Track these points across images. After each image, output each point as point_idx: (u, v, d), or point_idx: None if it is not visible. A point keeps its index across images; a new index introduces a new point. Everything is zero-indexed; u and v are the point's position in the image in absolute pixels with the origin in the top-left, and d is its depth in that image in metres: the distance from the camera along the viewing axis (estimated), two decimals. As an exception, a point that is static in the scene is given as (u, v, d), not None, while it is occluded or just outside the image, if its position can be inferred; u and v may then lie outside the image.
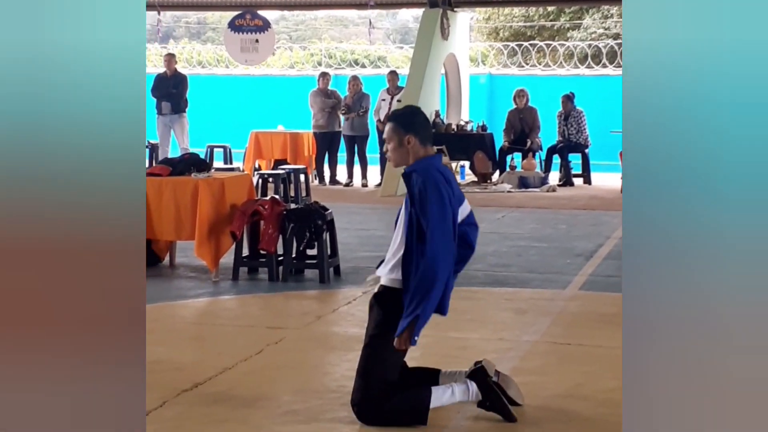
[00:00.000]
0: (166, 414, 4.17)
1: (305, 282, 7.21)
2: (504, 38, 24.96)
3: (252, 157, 14.42)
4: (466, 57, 16.74)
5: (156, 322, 5.93)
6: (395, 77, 14.77)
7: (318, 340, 5.56)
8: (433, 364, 4.98)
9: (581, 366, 4.96)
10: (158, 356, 4.99)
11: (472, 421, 4.10)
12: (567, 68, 18.87)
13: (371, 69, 20.22)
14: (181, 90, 14.26)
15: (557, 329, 5.84)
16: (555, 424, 4.08)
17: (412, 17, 33.30)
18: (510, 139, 14.95)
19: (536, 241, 9.23)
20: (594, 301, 6.57)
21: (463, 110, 16.24)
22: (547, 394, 4.46)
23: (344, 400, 4.21)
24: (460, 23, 15.85)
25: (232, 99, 19.05)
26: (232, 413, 4.19)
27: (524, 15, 25.69)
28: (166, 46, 24.24)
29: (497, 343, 5.42)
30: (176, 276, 7.55)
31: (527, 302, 6.55)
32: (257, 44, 15.95)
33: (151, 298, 6.59)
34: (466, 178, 15.11)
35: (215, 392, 4.45)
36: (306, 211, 7.35)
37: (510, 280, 7.34)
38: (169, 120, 14.26)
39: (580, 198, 13.04)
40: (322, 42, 27.75)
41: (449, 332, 5.68)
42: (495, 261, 8.13)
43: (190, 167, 7.51)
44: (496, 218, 10.96)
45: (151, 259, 7.70)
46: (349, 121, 14.54)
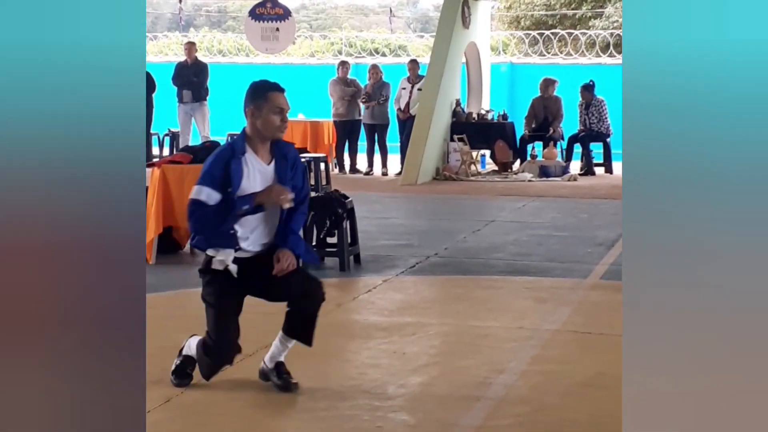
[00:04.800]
0: (185, 401, 4.18)
1: (325, 270, 7.21)
2: (525, 27, 24.85)
3: (272, 145, 14.40)
4: (487, 46, 16.67)
5: (176, 309, 5.94)
6: (416, 66, 14.73)
7: (338, 327, 5.56)
8: (453, 353, 4.98)
9: (602, 355, 4.94)
10: (179, 343, 5.00)
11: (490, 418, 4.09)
12: (589, 57, 18.76)
13: (392, 58, 20.17)
14: (202, 78, 14.29)
15: (578, 318, 5.81)
16: (576, 413, 4.06)
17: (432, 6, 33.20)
18: (531, 127, 14.89)
19: (557, 231, 9.19)
20: (615, 290, 6.53)
21: (484, 99, 16.18)
22: (568, 383, 4.44)
23: (365, 387, 4.21)
24: (481, 12, 15.78)
25: (252, 88, 19.04)
26: (252, 400, 4.19)
27: (545, 4, 25.56)
28: (187, 35, 24.30)
29: (517, 332, 5.40)
30: (196, 263, 7.53)
31: (548, 291, 6.53)
32: (278, 33, 15.94)
33: (171, 285, 6.61)
34: (487, 167, 15.07)
35: (236, 379, 4.46)
36: (326, 200, 7.35)
37: (531, 269, 7.31)
38: (190, 108, 14.30)
39: (602, 187, 12.97)
40: (343, 31, 27.73)
41: (470, 321, 5.67)
42: (515, 250, 8.10)
43: (211, 155, 7.51)
44: (516, 207, 10.92)
45: (172, 246, 7.72)
46: (369, 110, 14.52)
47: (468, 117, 14.93)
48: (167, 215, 7.32)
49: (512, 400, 4.22)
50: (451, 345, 5.11)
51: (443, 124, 14.33)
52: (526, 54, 19.65)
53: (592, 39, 19.97)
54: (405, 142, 14.14)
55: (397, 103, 14.62)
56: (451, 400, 4.20)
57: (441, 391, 4.33)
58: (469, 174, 14.05)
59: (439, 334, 5.37)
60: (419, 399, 4.22)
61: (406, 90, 14.51)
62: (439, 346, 5.15)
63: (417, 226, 9.27)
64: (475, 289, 6.66)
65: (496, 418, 4.01)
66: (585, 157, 14.84)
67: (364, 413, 4.02)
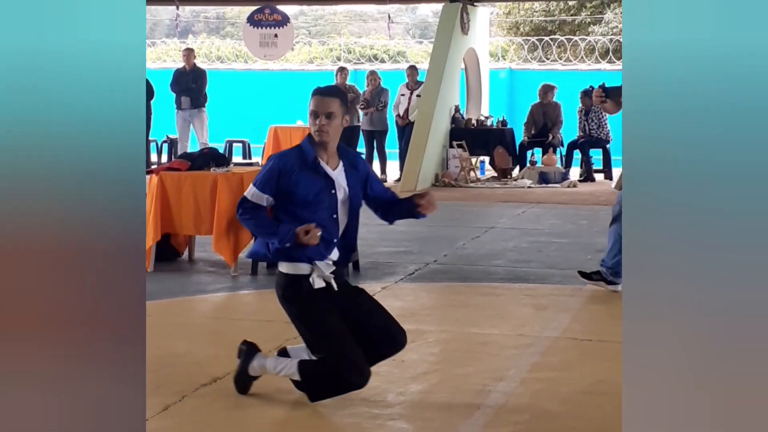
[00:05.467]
0: (184, 408, 4.16)
1: (324, 277, 7.18)
2: (524, 33, 24.85)
3: (271, 152, 14.39)
4: (486, 52, 16.67)
5: (175, 317, 5.92)
6: (415, 72, 14.73)
7: (337, 335, 5.53)
8: (453, 360, 4.95)
9: (602, 362, 4.91)
10: (177, 350, 4.98)
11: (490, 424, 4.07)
12: (588, 63, 18.77)
13: (390, 64, 20.18)
14: (201, 85, 14.28)
15: (578, 325, 5.79)
16: (576, 421, 4.03)
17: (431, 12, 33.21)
18: (530, 133, 14.88)
19: (557, 237, 9.17)
20: (615, 297, 6.51)
21: (483, 105, 16.18)
22: (568, 390, 4.42)
23: (364, 395, 4.18)
24: (480, 18, 15.78)
25: (251, 94, 19.05)
26: (250, 407, 4.17)
27: (545, 10, 25.57)
28: (185, 41, 24.29)
29: (517, 339, 5.38)
30: (195, 271, 7.54)
31: (547, 298, 6.51)
32: (276, 39, 15.94)
33: (169, 293, 6.59)
34: (486, 173, 15.05)
35: (233, 387, 4.43)
36: (325, 206, 7.32)
37: (530, 276, 7.29)
38: (188, 115, 14.29)
39: (601, 194, 12.95)
40: (341, 37, 27.73)
41: (469, 328, 5.65)
42: (515, 257, 8.08)
43: (209, 162, 7.51)
44: (516, 214, 10.90)
45: (170, 253, 7.71)
46: (368, 116, 14.51)
47: (467, 123, 14.92)
48: (165, 222, 7.30)
49: (512, 407, 4.20)
50: (450, 352, 5.09)
51: (442, 130, 14.32)
52: (526, 60, 19.66)
53: (591, 45, 19.98)
54: (404, 148, 14.14)
55: (395, 110, 14.61)
56: (451, 408, 4.18)
57: (440, 399, 4.31)
58: (469, 180, 14.04)
59: (438, 342, 5.35)
60: (419, 407, 4.20)
61: (404, 96, 14.50)
62: (438, 354, 5.13)
63: (416, 233, 9.25)
64: (475, 296, 6.64)
65: (496, 425, 3.99)
66: (584, 163, 14.82)
67: (363, 421, 4.00)
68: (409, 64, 17.08)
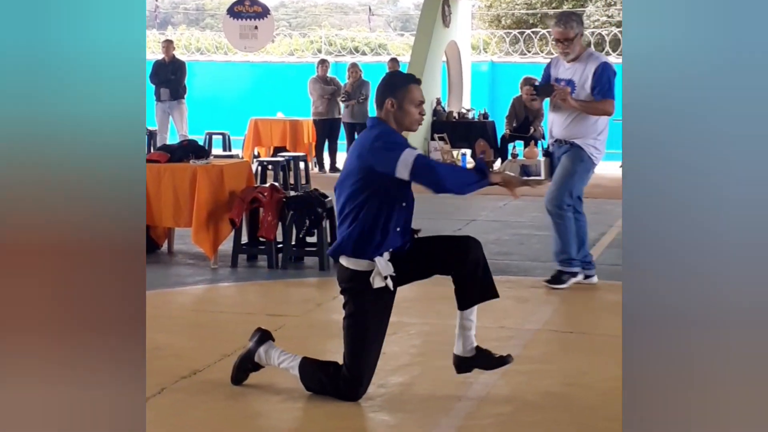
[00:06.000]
0: (164, 401, 4.12)
1: (305, 269, 7.16)
2: (506, 26, 24.88)
3: (251, 144, 14.35)
4: (467, 45, 16.66)
5: (154, 309, 5.87)
6: (396, 65, 14.69)
7: (318, 327, 5.51)
8: (435, 352, 4.93)
9: (584, 354, 4.91)
10: (157, 343, 4.94)
11: (472, 416, 4.06)
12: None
13: (372, 56, 20.14)
14: (180, 76, 14.19)
15: (559, 318, 5.79)
16: (558, 413, 4.03)
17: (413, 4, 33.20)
18: (512, 126, 14.89)
19: (538, 230, 9.17)
20: (596, 289, 6.52)
21: (464, 98, 16.17)
22: (549, 383, 4.41)
23: (344, 388, 4.16)
24: (461, 10, 15.76)
25: (231, 86, 18.97)
26: (230, 400, 4.14)
27: (526, 3, 25.61)
28: (164, 33, 24.16)
29: (499, 332, 5.37)
30: (175, 263, 7.49)
31: (529, 291, 6.50)
32: (256, 31, 15.87)
33: (149, 285, 6.53)
34: (468, 166, 15.06)
35: (214, 379, 4.40)
36: (306, 199, 7.30)
37: (512, 268, 7.29)
38: (167, 106, 14.20)
39: (582, 186, 12.95)
40: (322, 29, 27.66)
41: (451, 320, 5.62)
42: (497, 249, 8.07)
43: (189, 154, 7.45)
44: (497, 206, 10.90)
45: (149, 245, 7.64)
46: (348, 109, 14.47)
47: (449, 116, 14.92)
48: (145, 215, 7.24)
49: (493, 399, 4.19)
50: (432, 344, 5.07)
51: (424, 123, 14.30)
52: (507, 53, 19.67)
53: (571, 38, 19.94)
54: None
55: (377, 102, 14.58)
56: (432, 400, 4.17)
57: (422, 391, 4.29)
58: (450, 173, 14.02)
59: (420, 334, 5.33)
60: (400, 399, 4.18)
61: (386, 89, 14.47)
62: (420, 346, 5.11)
63: (397, 225, 9.21)
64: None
65: (477, 417, 3.98)
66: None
67: (344, 413, 3.97)
68: (390, 56, 17.05)
